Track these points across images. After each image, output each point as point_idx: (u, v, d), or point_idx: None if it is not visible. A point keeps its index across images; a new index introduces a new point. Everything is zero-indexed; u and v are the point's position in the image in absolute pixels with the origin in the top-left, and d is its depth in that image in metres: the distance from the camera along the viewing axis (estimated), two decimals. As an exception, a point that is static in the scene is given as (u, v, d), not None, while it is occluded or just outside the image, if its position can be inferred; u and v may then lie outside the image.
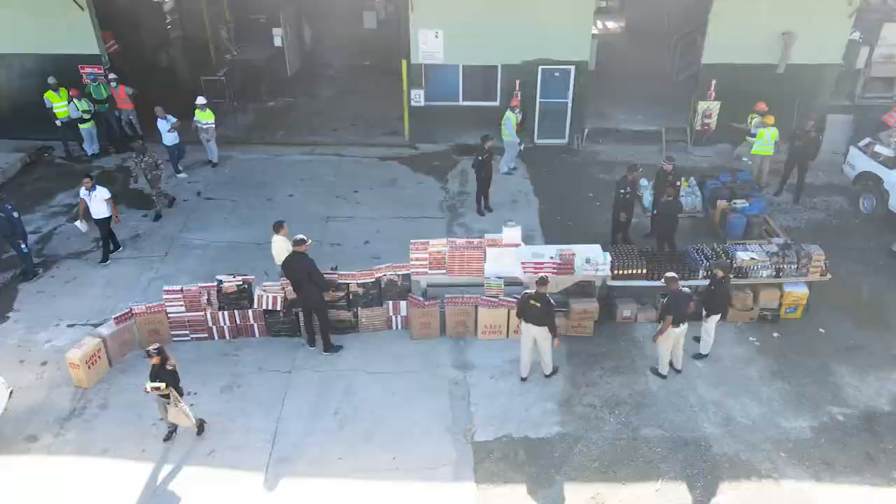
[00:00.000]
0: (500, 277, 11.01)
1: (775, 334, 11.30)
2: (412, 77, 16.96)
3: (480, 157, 14.04)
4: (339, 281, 10.98)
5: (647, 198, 14.35)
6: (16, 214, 12.26)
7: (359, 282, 10.99)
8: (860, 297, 12.23)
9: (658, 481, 8.79)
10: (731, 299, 11.38)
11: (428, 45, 16.56)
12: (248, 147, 17.66)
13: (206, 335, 11.11)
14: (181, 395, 8.83)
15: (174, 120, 15.68)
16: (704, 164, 16.93)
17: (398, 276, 11.05)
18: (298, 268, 10.32)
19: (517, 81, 16.85)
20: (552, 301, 10.01)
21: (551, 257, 11.10)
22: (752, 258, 11.23)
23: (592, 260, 11.00)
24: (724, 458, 9.12)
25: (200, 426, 9.39)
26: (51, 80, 16.40)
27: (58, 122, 16.66)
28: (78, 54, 17.01)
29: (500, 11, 16.02)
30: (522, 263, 10.98)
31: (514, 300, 10.88)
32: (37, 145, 17.51)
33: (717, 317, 10.52)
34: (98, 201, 12.58)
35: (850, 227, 14.33)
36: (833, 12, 15.79)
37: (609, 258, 11.12)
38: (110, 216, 12.81)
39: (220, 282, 10.85)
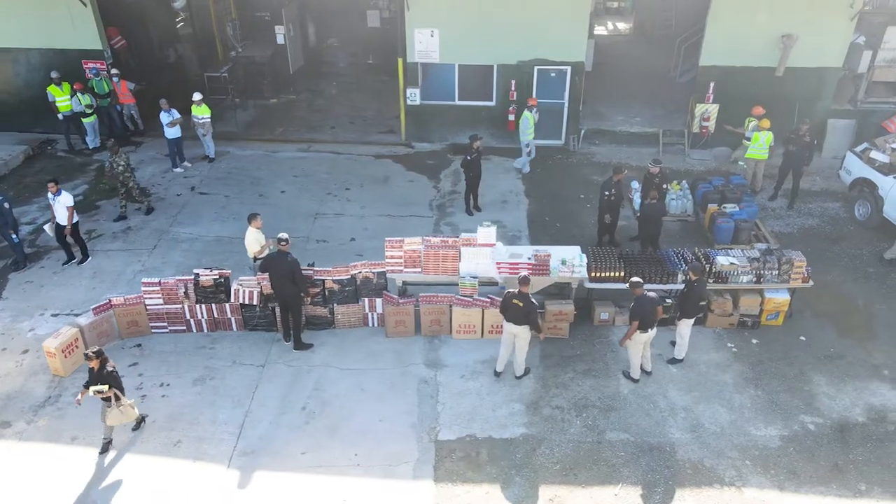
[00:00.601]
0: (474, 277, 10.99)
1: (754, 341, 11.14)
2: (408, 76, 16.99)
3: (468, 157, 14.03)
4: (315, 277, 11.05)
5: (637, 200, 14.22)
6: (6, 205, 12.48)
7: (334, 278, 11.06)
8: (846, 305, 12.01)
9: (618, 486, 8.72)
10: (710, 304, 11.26)
11: (424, 44, 16.58)
12: (245, 143, 17.87)
13: (184, 328, 11.25)
14: (123, 393, 8.86)
15: (177, 115, 15.87)
16: (701, 167, 16.75)
17: (373, 273, 11.09)
18: (282, 267, 10.39)
19: (513, 81, 16.82)
20: (534, 300, 10.01)
21: (528, 258, 11.07)
22: (732, 263, 11.08)
23: (568, 261, 10.94)
24: (688, 464, 9.02)
25: (141, 421, 9.46)
26: (54, 74, 16.75)
27: (60, 116, 17.00)
28: (81, 49, 17.33)
29: (496, 11, 16.00)
30: (497, 264, 10.96)
31: (489, 300, 10.89)
32: (40, 138, 17.89)
33: (691, 320, 10.38)
34: (61, 207, 12.38)
35: (844, 233, 14.07)
36: (835, 15, 15.50)
37: (585, 260, 11.05)
38: (76, 222, 12.68)
39: (197, 275, 10.98)
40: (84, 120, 17.15)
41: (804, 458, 9.12)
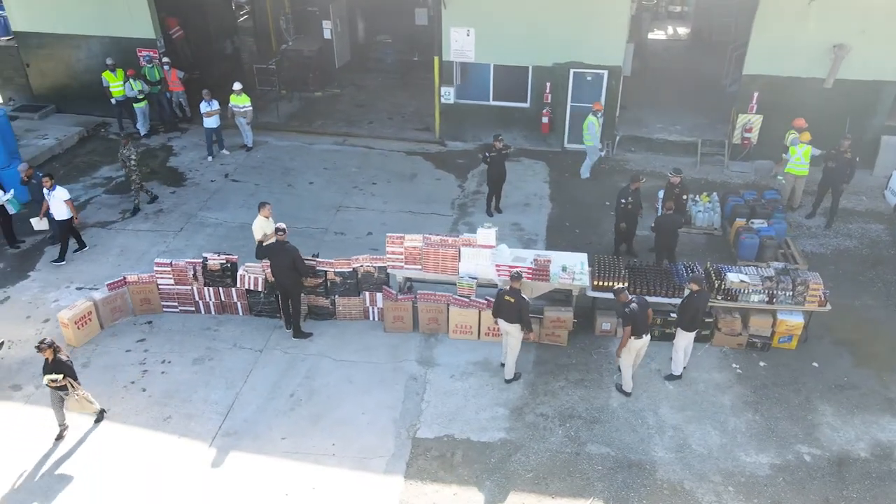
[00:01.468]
0: (473, 278, 10.95)
1: (762, 363, 10.66)
2: (444, 74, 17.05)
3: (487, 155, 13.98)
4: (318, 268, 11.25)
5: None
6: (46, 182, 13.25)
7: (336, 270, 11.23)
8: (870, 333, 11.30)
9: (589, 499, 8.53)
10: (717, 321, 10.86)
11: (459, 43, 16.60)
12: (284, 134, 18.33)
13: (193, 309, 11.67)
14: (77, 381, 9.07)
15: (216, 106, 16.40)
16: (739, 180, 16.10)
17: (375, 268, 11.20)
18: (281, 256, 10.65)
19: (548, 84, 16.62)
20: (525, 297, 9.92)
21: (531, 262, 10.93)
22: (742, 280, 10.63)
23: (568, 268, 10.76)
24: (666, 484, 8.72)
25: (101, 414, 9.59)
26: (108, 60, 17.63)
27: (113, 101, 17.88)
28: (136, 38, 18.16)
29: (533, 12, 15.84)
30: (498, 266, 10.87)
31: (485, 302, 10.83)
32: (96, 121, 18.87)
33: (690, 334, 10.02)
34: (57, 201, 12.39)
35: (882, 257, 13.25)
36: (893, 25, 14.60)
37: (586, 267, 10.84)
38: (70, 217, 12.65)
39: (206, 259, 11.36)
40: (135, 105, 17.95)
41: (793, 489, 8.68)
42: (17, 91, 19.67)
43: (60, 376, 8.83)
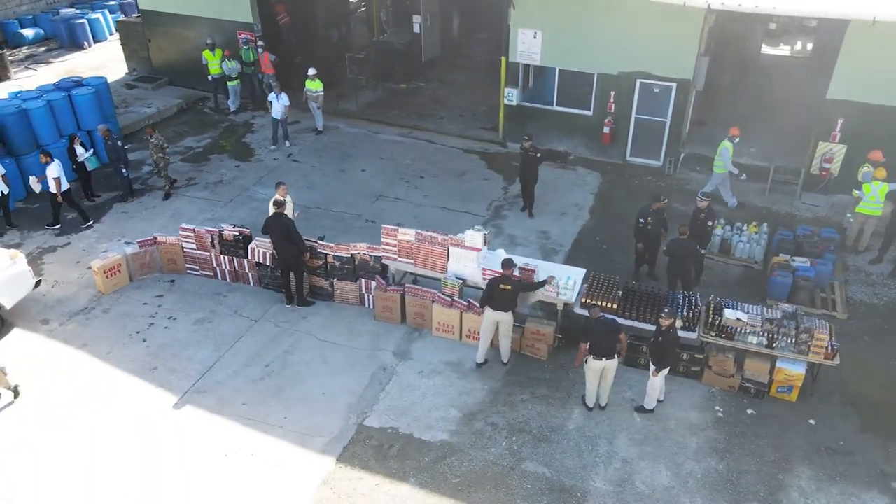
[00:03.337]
0: (460, 278, 10.96)
1: (749, 411, 9.81)
2: (509, 75, 16.97)
3: (521, 151, 13.93)
4: (319, 251, 11.75)
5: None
6: (120, 143, 14.77)
7: (335, 255, 11.67)
8: (894, 398, 10.03)
9: (504, 515, 8.37)
10: (709, 359, 10.11)
11: (526, 45, 16.43)
12: (356, 121, 19.02)
13: (211, 274, 12.59)
14: None
15: (286, 101, 17.16)
16: (809, 213, 14.68)
17: (370, 256, 11.51)
18: (277, 227, 11.28)
19: (612, 93, 16.04)
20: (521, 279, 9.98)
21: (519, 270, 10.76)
22: (738, 319, 9.83)
23: (554, 282, 10.46)
24: (591, 516, 8.36)
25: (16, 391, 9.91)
26: (208, 40, 19.17)
27: (210, 78, 19.46)
28: (237, 21, 19.60)
29: (602, 18, 15.33)
30: (483, 270, 10.80)
31: (466, 304, 10.81)
32: (197, 95, 20.61)
33: (664, 371, 9.43)
34: (48, 177, 13.22)
35: (946, 318, 11.65)
36: None
37: (573, 282, 10.49)
38: (67, 190, 13.51)
39: (222, 229, 12.21)
40: (228, 83, 19.42)
41: (729, 549, 8.00)
42: (139, 63, 21.93)
43: None
